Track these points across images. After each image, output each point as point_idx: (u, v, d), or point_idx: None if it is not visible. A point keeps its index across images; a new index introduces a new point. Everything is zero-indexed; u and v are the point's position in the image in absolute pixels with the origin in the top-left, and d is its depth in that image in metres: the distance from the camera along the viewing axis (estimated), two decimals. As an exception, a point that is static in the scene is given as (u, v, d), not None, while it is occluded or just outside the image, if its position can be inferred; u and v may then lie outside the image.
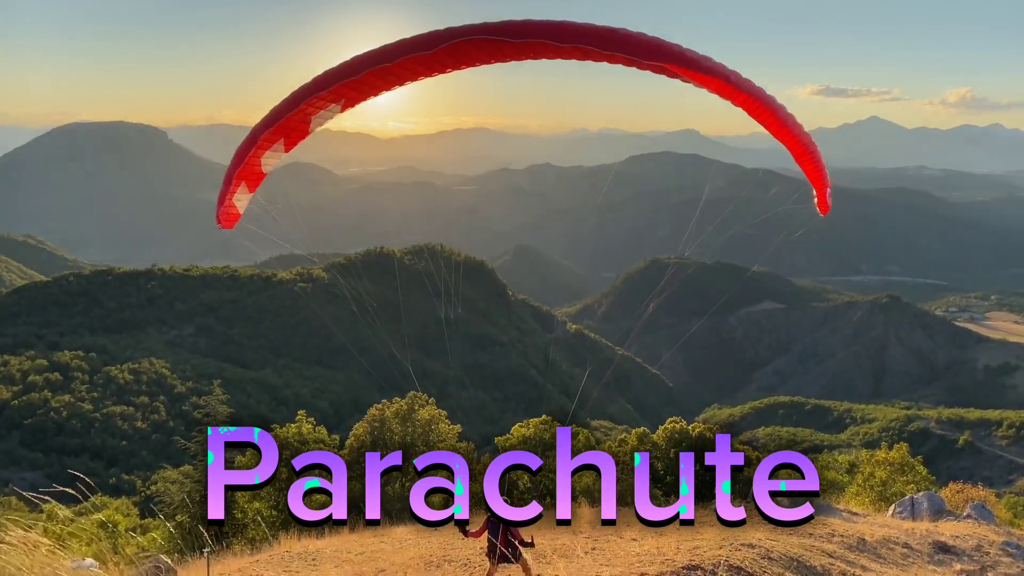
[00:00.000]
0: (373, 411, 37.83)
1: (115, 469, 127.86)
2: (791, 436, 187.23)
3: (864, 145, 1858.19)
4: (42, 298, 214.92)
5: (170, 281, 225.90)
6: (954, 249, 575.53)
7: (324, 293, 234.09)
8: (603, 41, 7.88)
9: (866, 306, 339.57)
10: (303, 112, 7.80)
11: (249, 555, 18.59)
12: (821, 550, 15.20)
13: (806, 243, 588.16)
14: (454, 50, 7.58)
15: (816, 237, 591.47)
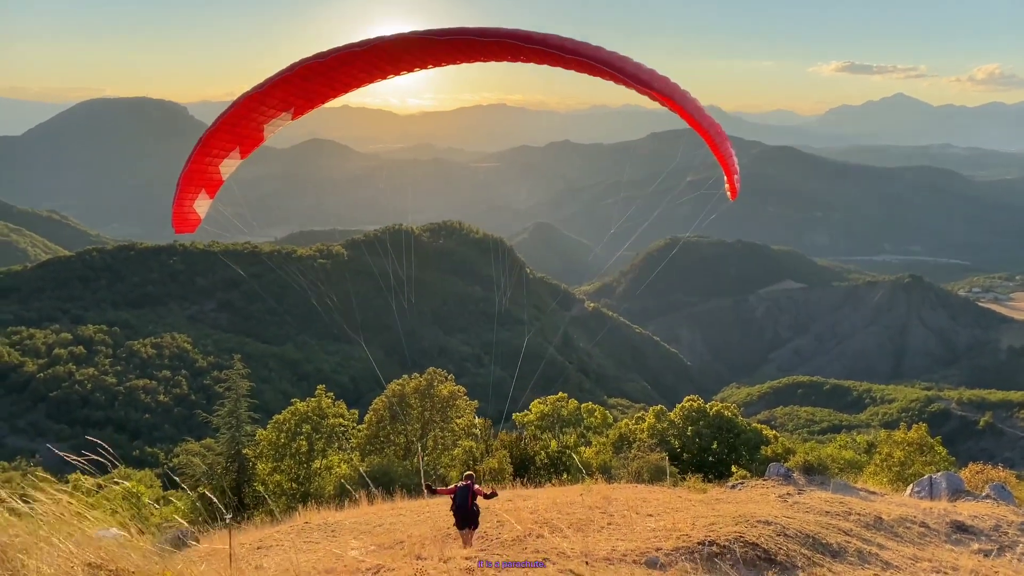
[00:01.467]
0: (393, 386, 38.10)
1: (138, 441, 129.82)
2: (809, 416, 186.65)
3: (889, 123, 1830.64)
4: (66, 273, 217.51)
5: (192, 257, 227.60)
6: (979, 228, 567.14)
7: (344, 269, 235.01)
8: (528, 41, 8.09)
9: (887, 286, 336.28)
10: (255, 121, 7.68)
11: (270, 526, 18.88)
12: (838, 528, 15.18)
13: (828, 222, 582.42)
14: (390, 56, 7.61)
15: (838, 216, 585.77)
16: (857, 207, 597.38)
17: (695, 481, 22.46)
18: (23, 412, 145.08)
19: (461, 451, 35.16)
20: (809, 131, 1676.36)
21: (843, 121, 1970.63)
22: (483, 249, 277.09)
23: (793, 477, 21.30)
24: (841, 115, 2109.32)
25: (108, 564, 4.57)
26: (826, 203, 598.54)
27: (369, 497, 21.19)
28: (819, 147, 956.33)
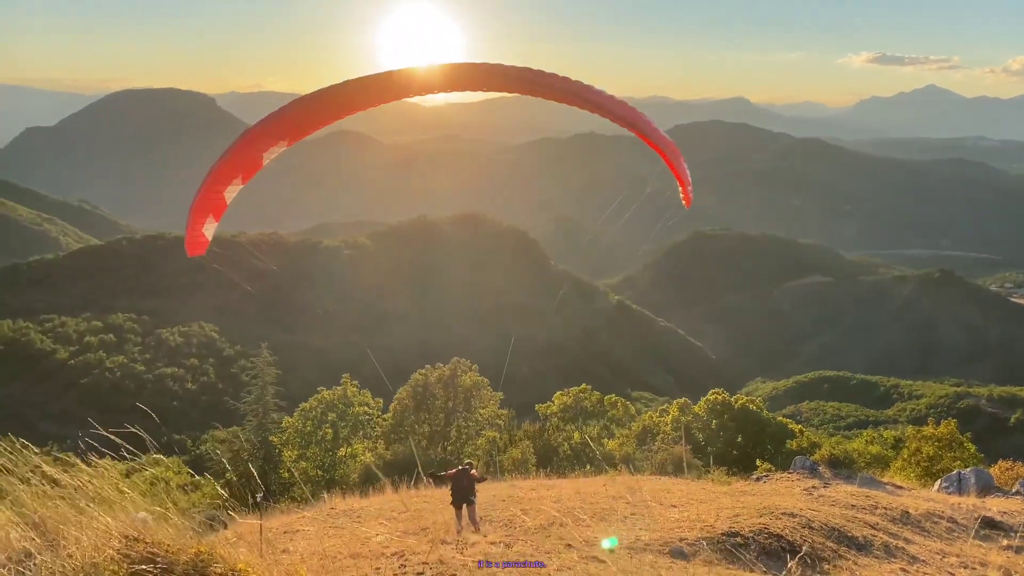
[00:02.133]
0: (417, 376, 38.31)
1: (166, 428, 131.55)
2: (836, 411, 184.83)
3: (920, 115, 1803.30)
4: (97, 262, 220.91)
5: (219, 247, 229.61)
6: (1012, 223, 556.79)
7: (369, 260, 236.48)
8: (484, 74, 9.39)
9: (917, 280, 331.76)
10: (257, 152, 9.27)
11: (296, 512, 19.09)
12: (864, 521, 15.08)
13: (856, 215, 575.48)
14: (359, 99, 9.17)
15: (866, 209, 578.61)
16: (886, 200, 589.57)
17: (719, 474, 22.39)
18: (55, 398, 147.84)
19: (485, 441, 35.32)
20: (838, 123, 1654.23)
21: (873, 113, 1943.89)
22: (506, 241, 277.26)
23: (819, 471, 21.16)
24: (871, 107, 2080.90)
25: (144, 537, 4.67)
26: (854, 196, 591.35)
27: (394, 484, 21.36)
28: (848, 140, 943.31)
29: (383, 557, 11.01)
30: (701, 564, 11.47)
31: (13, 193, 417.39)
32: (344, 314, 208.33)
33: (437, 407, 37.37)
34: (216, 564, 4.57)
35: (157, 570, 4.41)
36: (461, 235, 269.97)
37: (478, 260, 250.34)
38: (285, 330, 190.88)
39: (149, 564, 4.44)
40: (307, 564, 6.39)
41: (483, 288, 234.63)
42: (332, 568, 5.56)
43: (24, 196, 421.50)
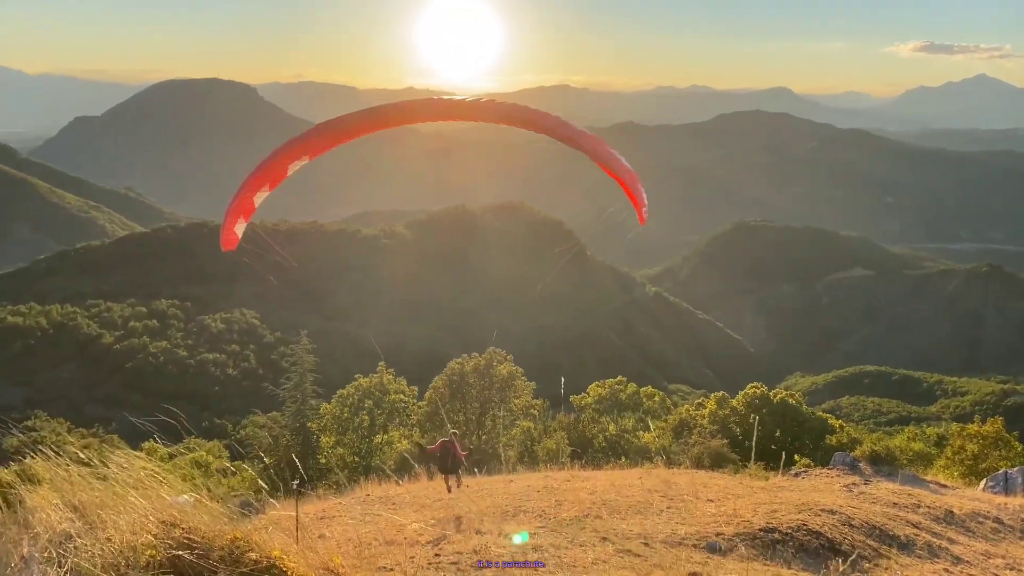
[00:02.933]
0: (453, 365, 38.44)
1: (207, 413, 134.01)
2: (876, 406, 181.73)
3: (970, 105, 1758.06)
4: (142, 248, 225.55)
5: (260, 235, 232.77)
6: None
7: (406, 249, 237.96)
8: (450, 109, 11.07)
9: (963, 275, 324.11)
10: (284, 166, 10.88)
11: (333, 498, 19.29)
12: (906, 520, 14.78)
13: (901, 208, 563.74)
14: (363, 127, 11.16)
15: (912, 201, 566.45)
16: (933, 192, 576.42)
17: (757, 468, 22.13)
18: (101, 382, 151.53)
19: (519, 431, 35.35)
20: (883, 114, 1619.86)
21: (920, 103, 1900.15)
22: (543, 231, 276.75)
23: (859, 467, 20.80)
24: (918, 97, 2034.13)
25: (181, 523, 4.73)
26: (900, 188, 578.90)
27: (428, 473, 21.47)
28: (893, 130, 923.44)
29: (418, 545, 11.07)
30: (737, 559, 11.33)
31: (63, 181, 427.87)
32: (381, 303, 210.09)
33: (472, 396, 37.49)
34: (252, 551, 4.61)
35: (194, 555, 4.46)
36: (499, 224, 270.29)
37: (515, 250, 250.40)
38: (324, 318, 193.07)
39: (186, 549, 4.49)
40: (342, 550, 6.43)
41: (520, 278, 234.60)
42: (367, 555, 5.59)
43: (73, 184, 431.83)
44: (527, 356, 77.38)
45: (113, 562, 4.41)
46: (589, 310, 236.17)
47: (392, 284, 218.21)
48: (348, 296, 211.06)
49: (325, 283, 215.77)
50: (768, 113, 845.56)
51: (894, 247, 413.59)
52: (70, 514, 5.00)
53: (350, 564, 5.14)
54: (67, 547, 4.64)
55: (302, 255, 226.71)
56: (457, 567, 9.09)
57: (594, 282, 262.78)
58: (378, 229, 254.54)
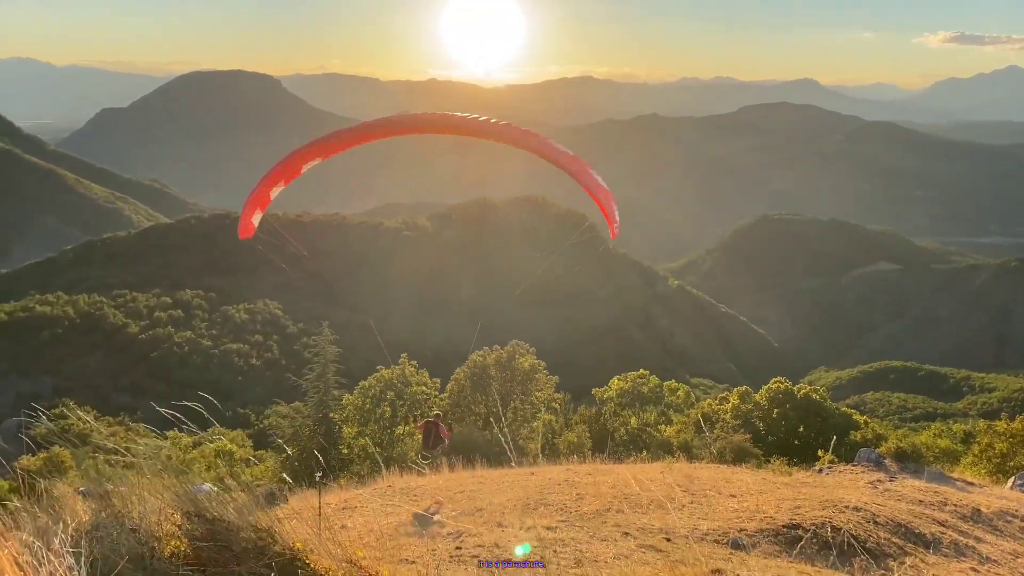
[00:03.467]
0: (475, 357, 38.48)
1: (230, 403, 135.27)
2: (902, 402, 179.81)
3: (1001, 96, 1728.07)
4: (166, 239, 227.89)
5: (283, 226, 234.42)
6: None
7: (428, 242, 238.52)
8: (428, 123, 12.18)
9: (992, 269, 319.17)
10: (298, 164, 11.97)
11: (355, 488, 19.41)
12: (932, 518, 14.60)
13: (930, 201, 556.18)
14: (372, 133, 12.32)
15: (940, 195, 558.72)
16: (962, 186, 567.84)
17: (780, 464, 21.96)
18: (126, 371, 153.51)
19: (541, 424, 35.36)
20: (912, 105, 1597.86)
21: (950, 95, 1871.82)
22: (566, 224, 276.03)
23: (885, 464, 20.57)
24: (948, 89, 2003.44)
25: (204, 514, 4.75)
26: (928, 181, 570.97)
27: (450, 465, 21.53)
28: (922, 122, 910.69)
29: (439, 536, 11.10)
30: (761, 556, 11.25)
31: (89, 172, 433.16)
32: (403, 295, 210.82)
33: (494, 389, 37.53)
34: (275, 543, 4.62)
35: (217, 547, 4.49)
36: (522, 217, 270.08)
37: (538, 243, 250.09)
38: (346, 309, 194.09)
39: (210, 541, 4.51)
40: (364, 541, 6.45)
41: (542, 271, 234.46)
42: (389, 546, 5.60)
43: (99, 175, 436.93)
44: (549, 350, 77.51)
45: (138, 552, 4.45)
46: (611, 303, 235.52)
47: (414, 276, 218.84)
48: (370, 288, 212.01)
49: (347, 275, 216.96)
50: (794, 105, 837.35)
51: (922, 241, 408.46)
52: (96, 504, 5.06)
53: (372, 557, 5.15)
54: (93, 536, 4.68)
55: (324, 247, 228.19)
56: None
57: (616, 275, 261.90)
58: (400, 221, 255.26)
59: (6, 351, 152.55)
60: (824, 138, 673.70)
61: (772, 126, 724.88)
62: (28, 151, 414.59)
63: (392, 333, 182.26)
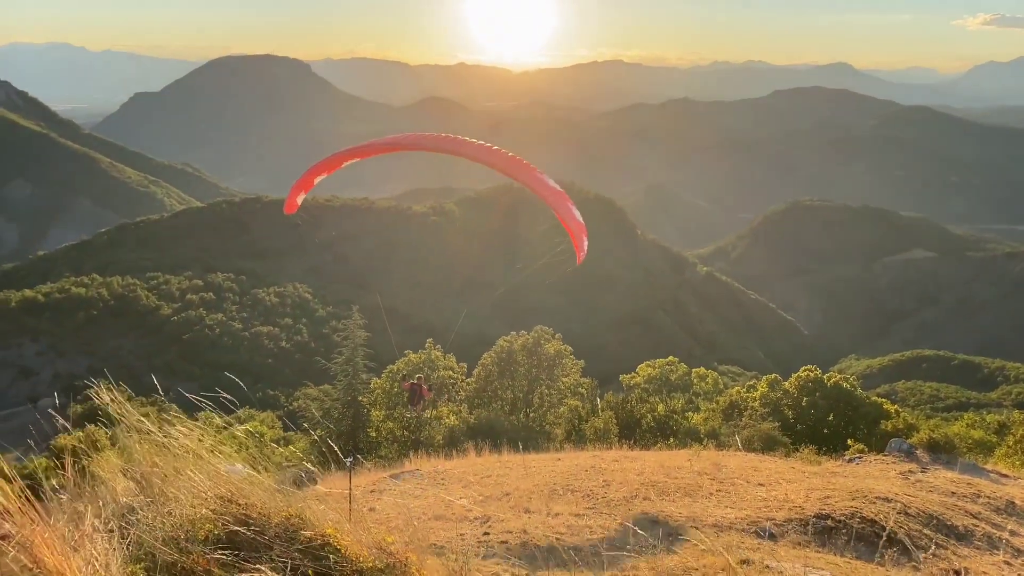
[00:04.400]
0: (502, 343, 38.56)
1: (261, 384, 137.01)
2: (934, 392, 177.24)
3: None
4: (198, 223, 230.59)
5: (313, 210, 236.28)
6: None
7: (456, 227, 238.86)
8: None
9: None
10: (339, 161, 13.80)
11: (383, 471, 19.59)
12: (965, 510, 14.40)
13: (966, 187, 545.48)
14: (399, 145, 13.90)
15: (978, 181, 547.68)
16: (1000, 172, 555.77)
17: (809, 453, 21.78)
18: (159, 352, 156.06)
19: (567, 409, 35.40)
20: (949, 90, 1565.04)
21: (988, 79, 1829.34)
22: (595, 209, 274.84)
23: (916, 454, 20.30)
24: (986, 73, 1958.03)
25: (237, 498, 4.81)
26: (964, 167, 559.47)
27: (476, 449, 21.64)
28: (959, 107, 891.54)
29: (466, 521, 11.16)
30: (789, 546, 11.18)
31: (123, 155, 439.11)
32: (431, 280, 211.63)
33: (520, 374, 37.61)
34: (306, 528, 4.68)
35: (250, 532, 4.55)
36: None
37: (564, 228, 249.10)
38: (375, 293, 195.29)
39: (243, 525, 4.58)
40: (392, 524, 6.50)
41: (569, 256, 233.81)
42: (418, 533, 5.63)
43: (132, 159, 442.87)
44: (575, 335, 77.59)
45: (173, 535, 4.52)
46: (639, 290, 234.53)
47: (442, 261, 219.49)
48: (398, 272, 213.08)
49: (376, 259, 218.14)
50: (827, 89, 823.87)
51: (958, 228, 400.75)
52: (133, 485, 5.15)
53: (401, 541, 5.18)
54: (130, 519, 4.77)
55: (353, 231, 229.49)
56: (507, 547, 9.14)
57: (644, 261, 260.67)
58: (428, 206, 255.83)
59: (44, 331, 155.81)
60: (858, 123, 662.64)
61: (805, 111, 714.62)
62: (64, 135, 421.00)
63: (420, 317, 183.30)
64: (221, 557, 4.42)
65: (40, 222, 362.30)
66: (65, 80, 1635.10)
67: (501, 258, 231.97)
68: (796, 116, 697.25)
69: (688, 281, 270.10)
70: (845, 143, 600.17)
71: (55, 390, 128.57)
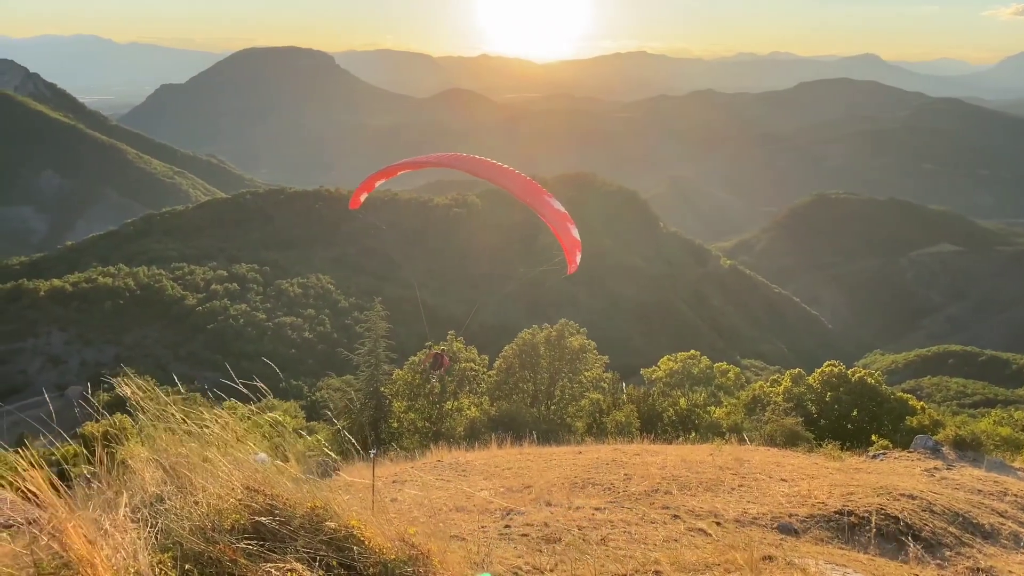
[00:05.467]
0: (525, 335, 38.55)
1: (284, 375, 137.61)
2: (961, 388, 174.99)
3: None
4: (223, 214, 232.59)
5: (335, 202, 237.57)
6: None
7: (478, 219, 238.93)
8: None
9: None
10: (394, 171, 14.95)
11: (405, 462, 19.71)
12: (991, 508, 14.23)
13: (995, 180, 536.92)
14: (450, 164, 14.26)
15: (1008, 174, 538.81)
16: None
17: (832, 448, 21.61)
18: (184, 342, 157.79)
19: (588, 403, 35.37)
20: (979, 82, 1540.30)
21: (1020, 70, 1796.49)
22: (617, 202, 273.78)
23: (942, 451, 20.09)
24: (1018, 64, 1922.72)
25: (264, 488, 4.87)
26: (995, 160, 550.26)
27: (498, 441, 21.71)
28: (990, 99, 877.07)
29: (487, 513, 11.20)
30: (812, 542, 11.12)
31: (149, 147, 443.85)
32: (454, 271, 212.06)
33: (542, 367, 37.61)
34: (330, 519, 4.73)
35: (276, 522, 4.61)
36: (570, 195, 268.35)
37: (587, 221, 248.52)
38: (397, 285, 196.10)
39: (268, 516, 4.63)
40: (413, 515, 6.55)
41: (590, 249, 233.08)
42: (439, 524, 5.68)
43: (158, 150, 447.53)
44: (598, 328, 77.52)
45: (200, 525, 4.59)
46: (661, 282, 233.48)
47: (464, 253, 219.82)
48: (421, 264, 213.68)
49: (398, 251, 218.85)
50: (854, 81, 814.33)
51: (987, 222, 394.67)
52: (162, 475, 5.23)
53: (423, 532, 5.22)
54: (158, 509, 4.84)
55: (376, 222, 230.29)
56: (528, 540, 9.17)
57: (667, 254, 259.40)
58: (450, 198, 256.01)
59: (72, 320, 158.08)
60: (886, 115, 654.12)
61: (831, 102, 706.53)
62: (91, 126, 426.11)
63: (444, 309, 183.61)
64: (247, 547, 4.47)
65: (68, 212, 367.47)
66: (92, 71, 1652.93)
67: (523, 250, 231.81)
68: (822, 108, 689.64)
69: (711, 274, 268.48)
70: (872, 135, 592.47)
71: (82, 378, 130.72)
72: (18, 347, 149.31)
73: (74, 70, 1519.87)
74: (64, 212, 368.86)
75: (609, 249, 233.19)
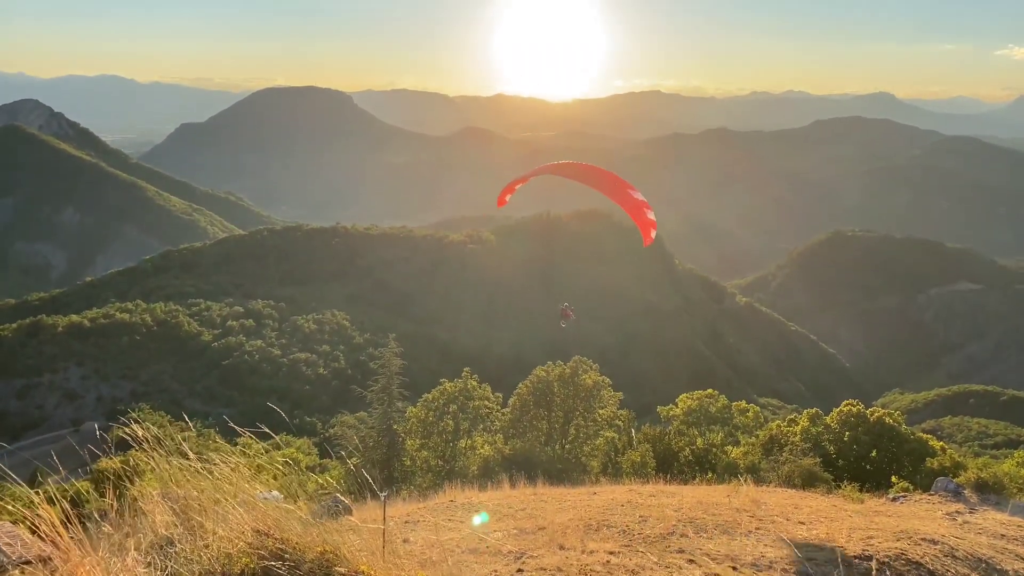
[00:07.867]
0: (539, 372, 38.38)
1: (298, 411, 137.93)
2: (982, 428, 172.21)
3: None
4: (240, 250, 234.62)
5: (352, 239, 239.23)
6: None
7: (493, 255, 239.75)
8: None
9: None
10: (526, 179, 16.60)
11: (417, 501, 19.55)
12: (1015, 554, 13.90)
13: (1013, 218, 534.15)
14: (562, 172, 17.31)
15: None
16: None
17: (851, 490, 21.26)
18: (200, 377, 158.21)
19: (603, 441, 35.06)
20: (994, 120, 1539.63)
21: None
22: (632, 238, 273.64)
23: (964, 494, 19.70)
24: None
25: (274, 532, 4.84)
26: (1012, 198, 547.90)
27: (511, 480, 21.52)
28: (1006, 137, 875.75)
29: (499, 555, 11.06)
30: (831, 588, 10.88)
31: (169, 185, 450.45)
32: (468, 308, 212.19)
33: (556, 405, 37.37)
34: (340, 564, 4.68)
35: (285, 567, 4.57)
36: (586, 231, 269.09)
37: (603, 257, 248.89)
38: (412, 321, 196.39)
39: (278, 560, 4.60)
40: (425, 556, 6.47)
41: (606, 285, 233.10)
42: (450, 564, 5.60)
43: (178, 188, 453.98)
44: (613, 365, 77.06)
45: (210, 569, 4.56)
46: (677, 319, 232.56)
47: (478, 289, 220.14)
48: (435, 300, 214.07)
49: (413, 287, 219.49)
50: (869, 119, 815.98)
51: (1006, 260, 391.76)
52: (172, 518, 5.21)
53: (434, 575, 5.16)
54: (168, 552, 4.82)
55: (391, 258, 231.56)
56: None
57: (683, 291, 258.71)
58: (465, 234, 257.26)
59: (89, 355, 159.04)
60: (901, 152, 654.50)
61: (846, 141, 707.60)
62: (113, 165, 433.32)
63: (457, 345, 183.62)
64: (256, 591, 4.44)
65: (88, 249, 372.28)
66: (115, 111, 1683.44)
67: (538, 285, 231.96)
68: (837, 146, 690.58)
69: (727, 311, 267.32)
70: (888, 172, 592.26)
71: (99, 414, 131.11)
72: (36, 382, 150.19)
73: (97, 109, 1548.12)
74: (83, 248, 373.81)
75: (625, 286, 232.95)
